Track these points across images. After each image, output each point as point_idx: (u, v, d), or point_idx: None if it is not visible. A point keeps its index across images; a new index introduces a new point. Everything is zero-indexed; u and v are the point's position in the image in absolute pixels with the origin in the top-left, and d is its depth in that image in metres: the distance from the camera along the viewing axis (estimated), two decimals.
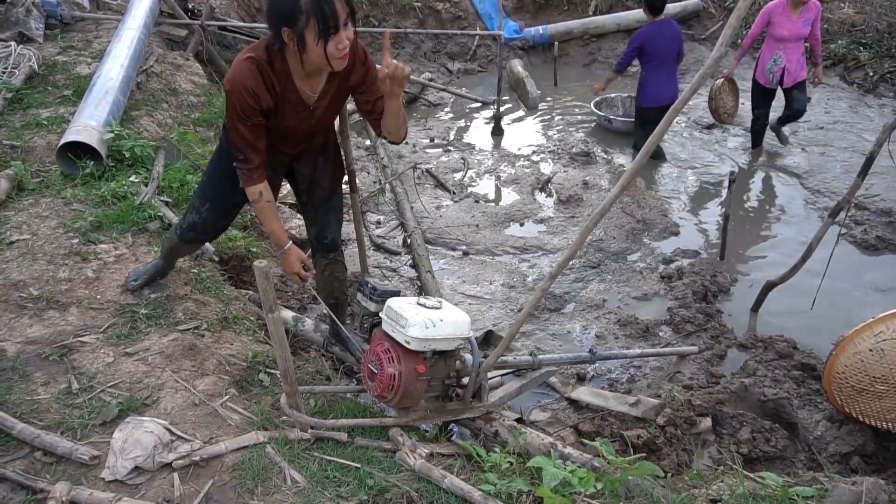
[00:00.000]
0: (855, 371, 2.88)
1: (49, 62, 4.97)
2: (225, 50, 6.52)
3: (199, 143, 4.51)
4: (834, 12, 8.51)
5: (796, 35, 5.38)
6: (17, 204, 3.44)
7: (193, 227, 2.63)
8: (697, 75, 1.83)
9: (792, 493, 2.09)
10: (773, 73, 5.54)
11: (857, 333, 2.87)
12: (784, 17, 5.35)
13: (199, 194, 2.61)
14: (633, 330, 3.87)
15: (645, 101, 5.69)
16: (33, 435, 2.12)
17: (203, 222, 2.60)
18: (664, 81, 5.57)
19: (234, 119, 2.20)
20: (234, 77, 2.14)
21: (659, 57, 5.53)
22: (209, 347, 2.75)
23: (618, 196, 2.01)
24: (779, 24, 5.36)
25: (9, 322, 2.67)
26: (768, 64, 5.53)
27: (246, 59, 2.14)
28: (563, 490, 2.01)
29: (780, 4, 5.35)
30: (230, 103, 2.18)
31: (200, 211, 2.58)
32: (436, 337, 2.26)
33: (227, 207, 2.63)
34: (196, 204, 2.60)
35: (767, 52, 5.53)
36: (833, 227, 3.61)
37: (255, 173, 2.29)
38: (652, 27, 5.55)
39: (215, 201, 2.57)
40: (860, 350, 2.86)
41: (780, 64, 5.48)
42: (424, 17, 8.80)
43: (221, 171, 2.48)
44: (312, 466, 2.13)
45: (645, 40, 5.53)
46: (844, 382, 2.92)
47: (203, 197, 2.58)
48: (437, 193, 5.54)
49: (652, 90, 5.62)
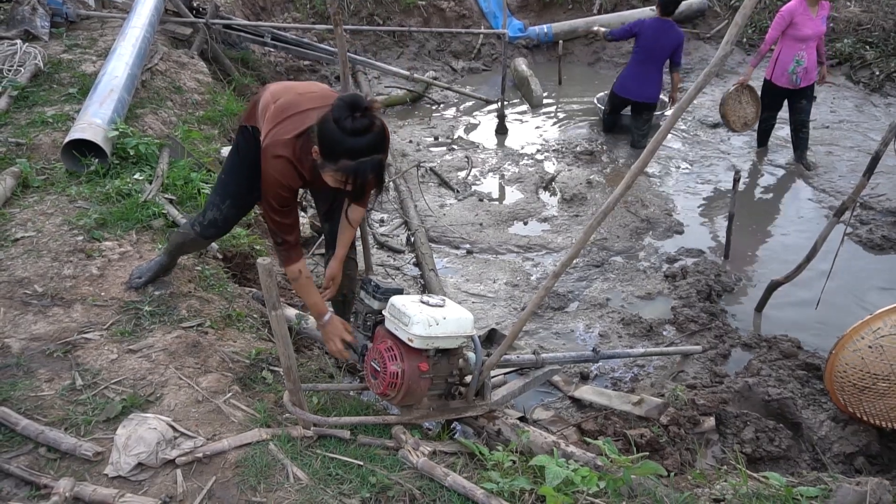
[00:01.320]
0: (856, 369, 2.87)
1: (54, 60, 4.99)
2: (229, 48, 6.53)
3: (203, 141, 4.52)
4: (840, 11, 8.48)
5: (818, 33, 5.33)
6: (23, 201, 3.46)
7: (214, 223, 2.65)
8: (703, 74, 1.83)
9: (796, 493, 2.08)
10: (796, 74, 5.44)
11: (856, 331, 2.86)
12: (805, 16, 5.28)
13: (219, 192, 2.63)
14: (637, 329, 3.86)
15: (616, 87, 6.04)
16: (37, 431, 2.13)
17: (224, 219, 2.64)
18: (639, 77, 5.82)
19: (270, 212, 2.27)
20: (273, 179, 2.20)
21: (645, 52, 5.74)
22: (212, 345, 2.75)
23: (623, 194, 2.00)
24: (802, 25, 5.29)
25: (13, 319, 2.68)
26: (790, 66, 5.42)
27: (281, 159, 2.18)
28: (565, 489, 2.01)
29: (800, 4, 5.28)
30: (266, 200, 2.25)
31: (221, 208, 2.60)
32: (439, 335, 2.26)
33: (247, 204, 2.69)
34: (216, 201, 2.62)
35: (788, 53, 5.40)
36: (838, 227, 3.59)
37: (294, 252, 2.36)
38: (654, 22, 5.75)
39: (236, 199, 2.60)
40: (859, 347, 2.85)
41: (804, 64, 5.40)
42: (429, 16, 8.79)
43: (240, 171, 2.52)
44: (315, 464, 2.13)
45: (641, 30, 5.75)
46: (846, 381, 2.91)
47: (224, 195, 2.60)
48: (440, 192, 5.53)
49: (624, 80, 5.94)
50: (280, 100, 2.28)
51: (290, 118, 2.22)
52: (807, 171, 5.69)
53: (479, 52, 8.76)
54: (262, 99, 2.37)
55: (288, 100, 2.27)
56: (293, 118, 2.22)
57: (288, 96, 2.29)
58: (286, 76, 7.42)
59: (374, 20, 8.49)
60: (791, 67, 5.44)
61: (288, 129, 2.20)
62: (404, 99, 7.47)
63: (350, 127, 1.98)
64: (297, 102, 2.26)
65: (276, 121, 2.23)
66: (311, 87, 2.39)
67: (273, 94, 2.33)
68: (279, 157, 2.18)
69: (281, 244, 2.34)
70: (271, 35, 6.65)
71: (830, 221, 3.52)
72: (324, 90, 2.39)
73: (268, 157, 2.20)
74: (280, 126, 2.21)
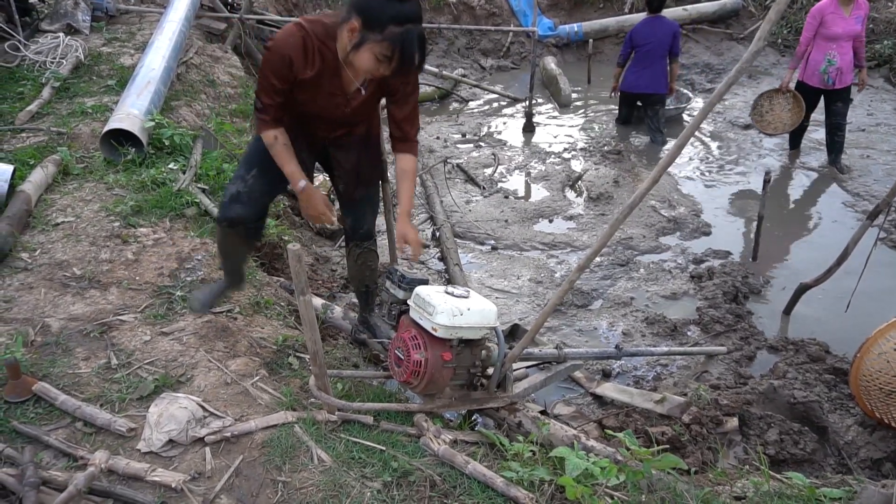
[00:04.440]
0: (881, 373, 2.82)
1: (94, 53, 5.14)
2: (262, 43, 6.64)
3: (236, 134, 4.61)
4: (881, 11, 8.28)
5: (849, 33, 5.22)
6: (63, 188, 3.58)
7: (237, 198, 2.42)
8: (733, 71, 1.82)
9: (819, 494, 2.07)
10: (828, 74, 5.34)
11: (881, 333, 2.81)
12: (836, 14, 5.20)
13: (244, 163, 2.47)
14: (661, 328, 3.84)
15: (623, 86, 6.35)
16: (75, 406, 2.22)
17: (249, 191, 2.42)
18: (640, 72, 6.11)
19: (266, 69, 2.20)
20: (277, 40, 2.15)
21: (643, 51, 6.04)
22: (241, 330, 2.82)
23: (649, 189, 2.01)
24: (832, 23, 5.21)
25: (53, 299, 2.78)
26: (822, 65, 5.33)
27: (296, 25, 2.15)
28: (584, 481, 2.02)
29: (830, 3, 5.20)
30: (265, 59, 2.19)
31: (246, 179, 2.42)
32: (462, 325, 2.28)
33: (274, 178, 2.43)
34: (241, 173, 2.45)
35: (819, 53, 5.32)
36: (871, 230, 3.53)
37: (270, 117, 2.26)
38: (644, 23, 6.11)
39: (262, 166, 2.41)
40: (885, 350, 2.80)
41: (836, 64, 5.29)
42: (459, 14, 8.82)
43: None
44: (339, 447, 2.18)
45: (633, 34, 6.12)
46: (872, 385, 2.86)
47: (249, 164, 2.44)
48: (466, 188, 5.56)
49: (630, 78, 6.23)
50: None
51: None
52: (840, 175, 5.57)
53: (508, 50, 8.76)
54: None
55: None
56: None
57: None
58: None
59: None
60: (822, 67, 5.34)
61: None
62: (433, 96, 7.51)
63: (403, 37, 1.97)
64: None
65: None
66: None
67: None
68: (297, 25, 2.13)
69: (260, 109, 2.26)
70: None
71: (863, 224, 3.46)
72: None
73: (287, 25, 2.16)
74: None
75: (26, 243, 3.10)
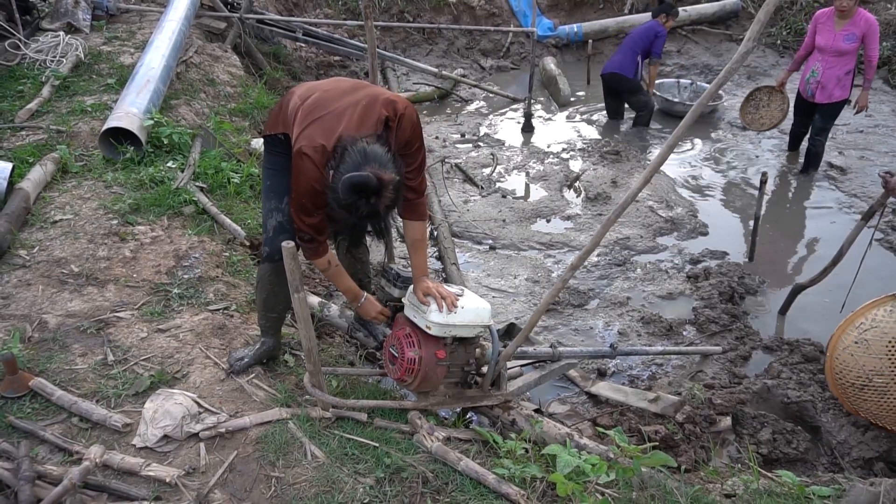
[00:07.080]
0: (851, 367, 2.85)
1: (94, 51, 5.16)
2: (262, 43, 6.67)
3: (235, 133, 4.63)
4: (880, 14, 8.28)
5: (833, 48, 5.08)
6: (62, 185, 3.60)
7: (282, 227, 2.38)
8: (724, 70, 1.84)
9: (808, 492, 2.08)
10: (809, 85, 5.32)
11: (842, 329, 2.86)
12: (826, 26, 5.14)
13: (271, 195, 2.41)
14: (657, 328, 3.85)
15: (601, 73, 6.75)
16: (71, 402, 2.24)
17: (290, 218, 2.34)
18: (612, 56, 6.62)
19: (299, 211, 2.19)
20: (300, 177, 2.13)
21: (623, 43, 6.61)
22: (237, 327, 2.84)
23: (642, 187, 2.02)
24: (819, 33, 5.17)
25: (51, 296, 2.80)
26: (807, 75, 5.33)
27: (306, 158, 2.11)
28: (576, 478, 2.04)
29: (827, 12, 5.17)
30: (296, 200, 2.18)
31: (281, 208, 2.38)
32: (456, 323, 2.30)
33: None
34: (273, 205, 2.40)
35: (809, 62, 5.31)
36: (866, 231, 3.54)
37: (321, 247, 2.30)
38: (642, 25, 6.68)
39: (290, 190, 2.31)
40: (848, 345, 2.83)
41: (817, 76, 5.22)
42: (458, 14, 8.83)
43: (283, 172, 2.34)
44: (332, 443, 2.20)
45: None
46: (846, 382, 2.88)
47: (277, 193, 2.39)
48: (465, 188, 5.57)
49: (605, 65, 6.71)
50: (308, 100, 2.24)
51: (319, 119, 2.17)
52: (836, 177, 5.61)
53: (507, 50, 8.77)
54: (290, 103, 2.30)
55: (315, 98, 2.23)
56: (322, 119, 2.17)
57: (315, 95, 2.25)
58: (316, 71, 7.54)
59: (405, 17, 8.57)
60: (808, 77, 5.33)
61: (318, 131, 2.14)
62: (432, 96, 7.53)
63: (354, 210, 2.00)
64: (324, 101, 2.21)
65: (305, 123, 2.18)
66: (338, 84, 2.33)
67: (300, 96, 2.29)
68: (307, 157, 2.10)
69: (309, 240, 2.26)
70: (303, 30, 6.77)
71: (858, 225, 3.47)
72: (352, 84, 2.33)
73: (299, 157, 2.13)
74: (310, 127, 2.16)
75: (24, 240, 3.12)
